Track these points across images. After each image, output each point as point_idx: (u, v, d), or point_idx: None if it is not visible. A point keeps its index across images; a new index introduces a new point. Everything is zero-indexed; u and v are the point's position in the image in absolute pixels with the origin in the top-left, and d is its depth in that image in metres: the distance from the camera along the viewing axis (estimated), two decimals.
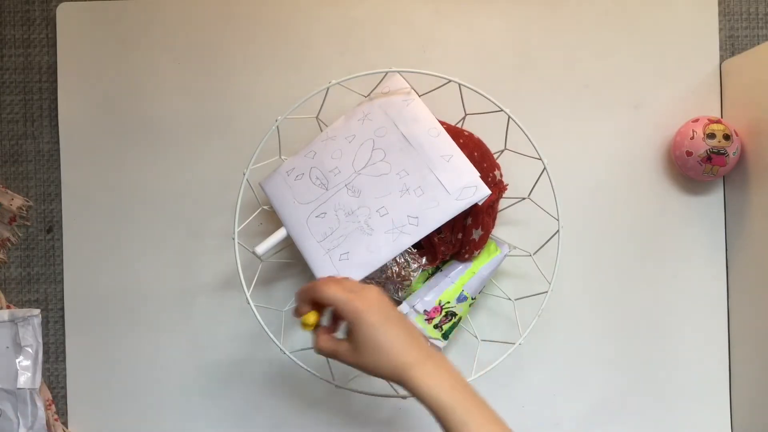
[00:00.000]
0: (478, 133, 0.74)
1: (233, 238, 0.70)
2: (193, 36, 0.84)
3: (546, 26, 0.83)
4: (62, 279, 0.84)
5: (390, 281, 0.73)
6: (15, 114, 0.85)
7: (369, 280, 0.73)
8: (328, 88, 0.68)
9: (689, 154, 0.77)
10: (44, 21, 0.85)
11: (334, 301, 0.58)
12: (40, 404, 0.80)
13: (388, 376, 0.59)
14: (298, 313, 0.62)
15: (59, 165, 0.84)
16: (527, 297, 0.78)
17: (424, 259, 0.73)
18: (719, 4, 0.83)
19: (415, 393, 0.57)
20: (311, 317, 0.61)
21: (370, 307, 0.58)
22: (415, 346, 0.58)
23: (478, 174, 0.66)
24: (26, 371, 0.80)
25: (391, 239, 0.67)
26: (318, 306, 0.61)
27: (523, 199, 0.77)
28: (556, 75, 0.83)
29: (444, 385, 0.56)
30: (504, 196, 0.75)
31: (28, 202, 0.84)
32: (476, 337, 0.81)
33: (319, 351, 0.62)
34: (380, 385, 0.80)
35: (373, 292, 0.59)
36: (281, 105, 0.79)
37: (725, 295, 0.82)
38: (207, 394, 0.83)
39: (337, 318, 0.62)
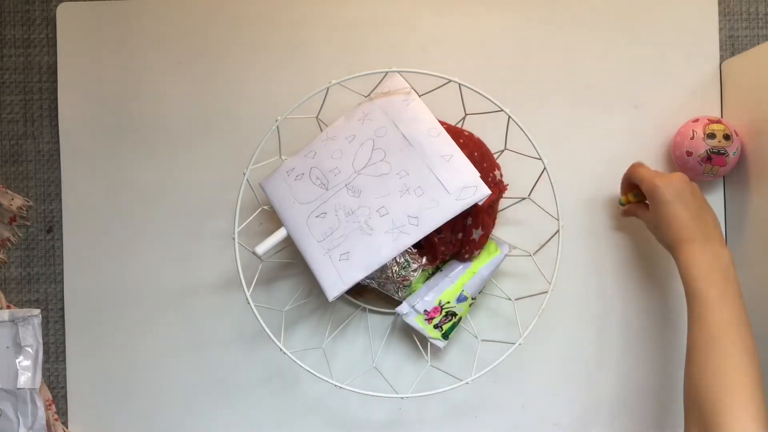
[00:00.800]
0: (478, 133, 0.74)
1: (233, 238, 0.70)
2: (193, 36, 0.84)
3: (546, 26, 0.83)
4: (62, 279, 0.84)
5: (390, 281, 0.73)
6: (15, 114, 0.85)
7: (369, 280, 0.73)
8: (328, 88, 0.68)
9: (689, 154, 0.77)
10: (44, 21, 0.85)
11: (641, 178, 0.70)
12: (40, 404, 0.80)
13: (666, 246, 0.68)
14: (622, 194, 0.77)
15: (59, 165, 0.84)
16: (527, 297, 0.78)
17: (424, 259, 0.73)
18: (719, 4, 0.83)
19: (678, 267, 0.65)
20: (629, 196, 0.76)
21: (668, 185, 0.67)
22: (695, 227, 0.65)
23: (478, 174, 0.66)
24: (26, 371, 0.80)
25: (391, 239, 0.67)
26: (636, 188, 0.74)
27: (523, 199, 0.77)
28: (556, 75, 0.83)
29: (703, 267, 0.61)
30: (504, 196, 0.75)
31: (28, 202, 0.84)
32: (476, 337, 0.81)
33: (624, 213, 0.78)
34: (380, 385, 0.80)
35: (676, 175, 0.69)
36: (281, 105, 0.79)
37: None
38: (207, 394, 0.83)
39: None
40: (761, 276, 0.76)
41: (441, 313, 0.75)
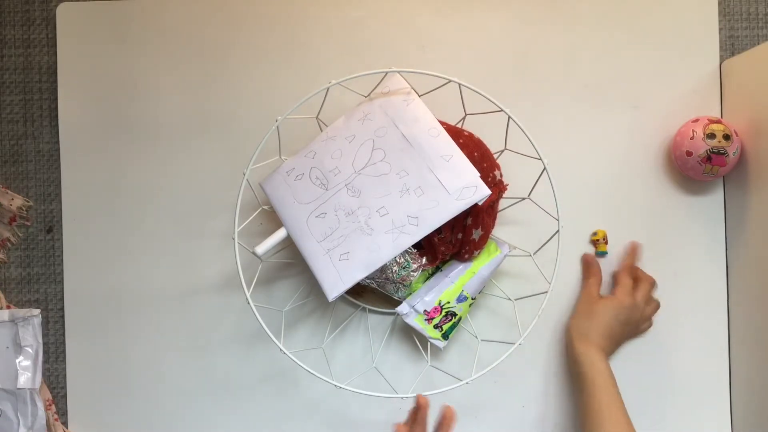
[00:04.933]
0: (478, 133, 0.74)
1: (233, 238, 0.70)
2: (193, 36, 0.84)
3: (546, 26, 0.83)
4: (62, 279, 0.84)
5: (390, 281, 0.73)
6: (15, 114, 0.85)
7: (369, 280, 0.73)
8: (328, 88, 0.68)
9: (689, 154, 0.77)
10: (44, 21, 0.85)
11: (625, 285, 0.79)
12: (40, 404, 0.80)
13: (585, 332, 0.76)
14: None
15: (59, 165, 0.84)
16: (527, 297, 0.78)
17: (424, 259, 0.73)
18: (719, 4, 0.83)
19: (573, 356, 0.76)
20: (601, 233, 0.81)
21: (624, 307, 0.76)
22: (609, 345, 0.77)
23: (478, 174, 0.66)
24: (26, 371, 0.80)
25: (391, 239, 0.67)
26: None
27: (523, 199, 0.77)
28: (556, 75, 0.83)
29: (599, 365, 0.73)
30: (504, 196, 0.75)
31: (28, 202, 0.84)
32: (476, 337, 0.81)
33: (587, 262, 0.82)
34: (380, 385, 0.80)
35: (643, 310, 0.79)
36: (281, 105, 0.79)
37: (725, 295, 0.82)
38: (207, 394, 0.83)
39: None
40: (761, 276, 0.76)
41: (441, 313, 0.75)
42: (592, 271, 0.80)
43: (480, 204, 0.66)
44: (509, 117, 0.69)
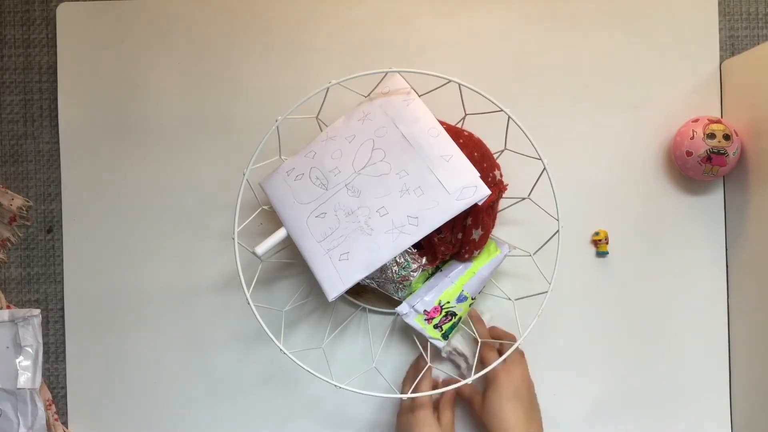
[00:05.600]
0: (478, 133, 0.74)
1: (233, 238, 0.70)
2: (193, 36, 0.84)
3: (546, 26, 0.83)
4: (62, 279, 0.84)
5: (390, 281, 0.73)
6: (15, 114, 0.85)
7: (369, 280, 0.73)
8: (328, 88, 0.68)
9: (689, 154, 0.77)
10: (44, 21, 0.85)
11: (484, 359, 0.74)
12: (40, 404, 0.80)
13: None
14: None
15: (59, 165, 0.84)
16: (527, 297, 0.78)
17: (424, 259, 0.73)
18: (719, 4, 0.83)
19: None
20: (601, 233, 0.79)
21: (509, 382, 0.71)
22: (525, 428, 0.70)
23: (478, 174, 0.66)
24: (26, 371, 0.80)
25: (391, 239, 0.67)
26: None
27: (523, 199, 0.77)
28: (556, 75, 0.83)
29: None
30: (504, 196, 0.75)
31: (28, 202, 0.84)
32: (477, 337, 0.81)
33: (459, 395, 0.78)
34: (380, 385, 0.80)
35: (518, 371, 0.73)
36: (281, 105, 0.79)
37: (725, 295, 0.82)
38: (207, 394, 0.83)
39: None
40: (761, 276, 0.76)
41: (441, 313, 0.75)
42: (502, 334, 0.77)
43: (480, 204, 0.66)
44: (509, 117, 0.69)
